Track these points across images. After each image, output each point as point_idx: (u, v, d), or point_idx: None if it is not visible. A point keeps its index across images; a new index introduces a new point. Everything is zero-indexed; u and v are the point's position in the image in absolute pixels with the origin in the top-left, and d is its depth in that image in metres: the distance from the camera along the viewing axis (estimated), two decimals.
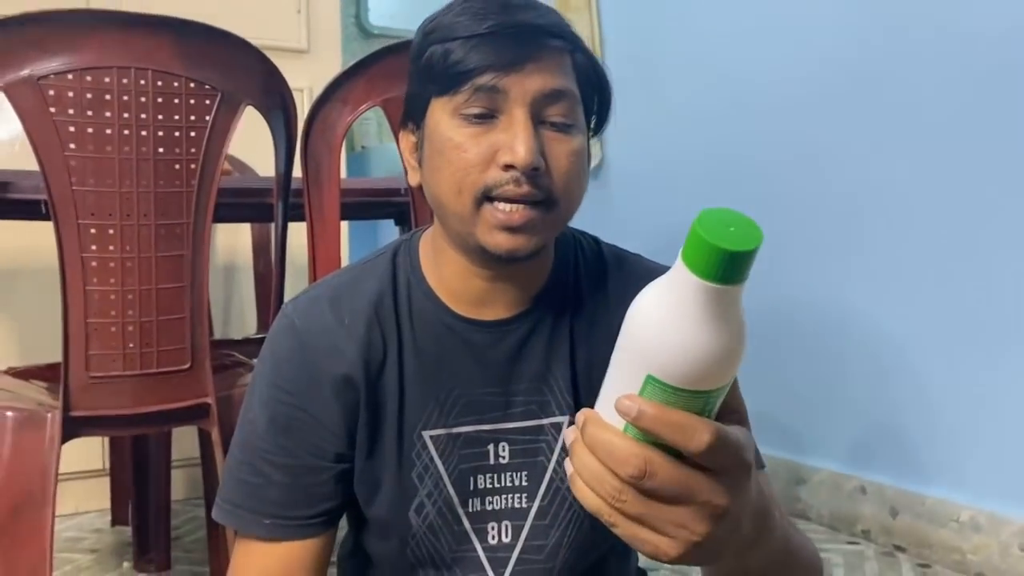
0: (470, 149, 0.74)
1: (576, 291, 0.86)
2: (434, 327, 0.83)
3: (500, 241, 0.75)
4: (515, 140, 0.73)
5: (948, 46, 1.82)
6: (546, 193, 0.74)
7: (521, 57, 0.73)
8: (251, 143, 1.37)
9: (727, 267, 0.47)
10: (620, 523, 0.53)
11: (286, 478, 0.81)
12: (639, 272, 0.88)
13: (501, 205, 0.74)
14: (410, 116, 0.82)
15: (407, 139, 0.83)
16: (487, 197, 0.74)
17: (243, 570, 0.82)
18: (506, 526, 0.84)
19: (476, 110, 0.74)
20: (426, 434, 0.82)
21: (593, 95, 0.80)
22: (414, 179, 0.83)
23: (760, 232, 0.49)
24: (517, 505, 0.84)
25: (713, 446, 0.51)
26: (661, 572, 1.80)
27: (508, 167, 0.73)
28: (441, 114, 0.76)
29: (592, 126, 0.83)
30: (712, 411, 0.53)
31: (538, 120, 0.75)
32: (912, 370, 1.93)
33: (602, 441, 0.52)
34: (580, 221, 0.93)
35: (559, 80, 0.75)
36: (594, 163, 2.76)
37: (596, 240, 0.92)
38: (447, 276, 0.83)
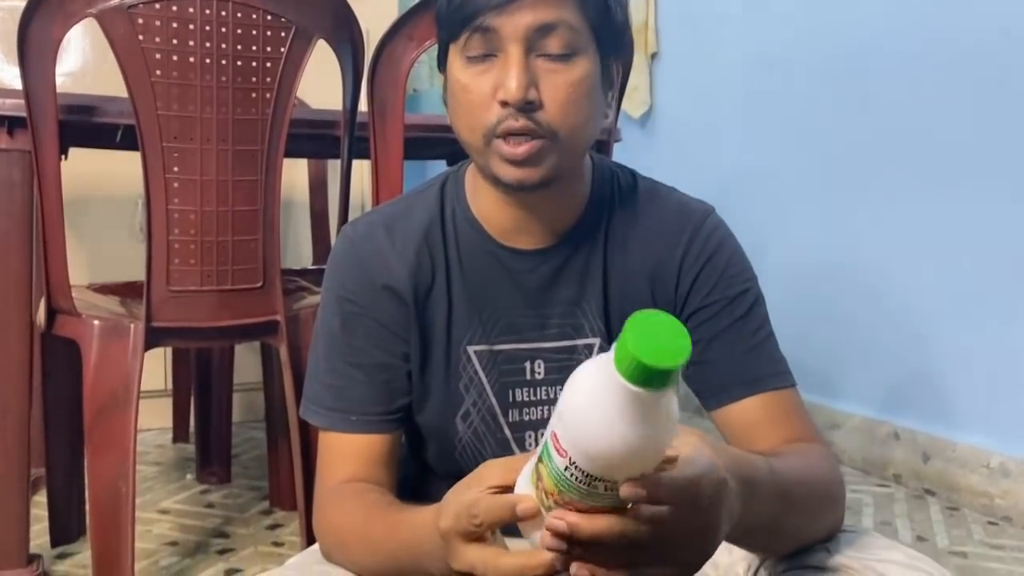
0: (474, 90, 0.79)
1: (610, 224, 0.91)
2: (477, 252, 0.90)
3: (509, 172, 0.80)
4: (507, 77, 0.77)
5: (1001, 6, 1.82)
6: (544, 125, 0.78)
7: None
8: (304, 77, 1.45)
9: (650, 377, 0.52)
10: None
11: (366, 377, 0.90)
12: (670, 205, 0.93)
13: (507, 139, 0.78)
14: (439, 62, 0.87)
15: (442, 80, 0.88)
16: (494, 134, 0.79)
17: (333, 458, 0.91)
18: (543, 434, 0.92)
19: (476, 51, 0.79)
20: (470, 349, 0.90)
21: (600, 21, 0.82)
22: (449, 118, 0.89)
23: (687, 345, 0.52)
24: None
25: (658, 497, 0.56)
26: None
27: (504, 103, 0.77)
28: (454, 58, 0.82)
29: (605, 52, 0.84)
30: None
31: (535, 54, 0.78)
32: (946, 319, 1.97)
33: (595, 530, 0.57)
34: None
35: (551, 13, 0.78)
36: (643, 111, 2.78)
37: (633, 174, 0.96)
38: (485, 207, 0.89)
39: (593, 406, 0.55)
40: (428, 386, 0.91)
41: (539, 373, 0.91)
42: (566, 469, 0.57)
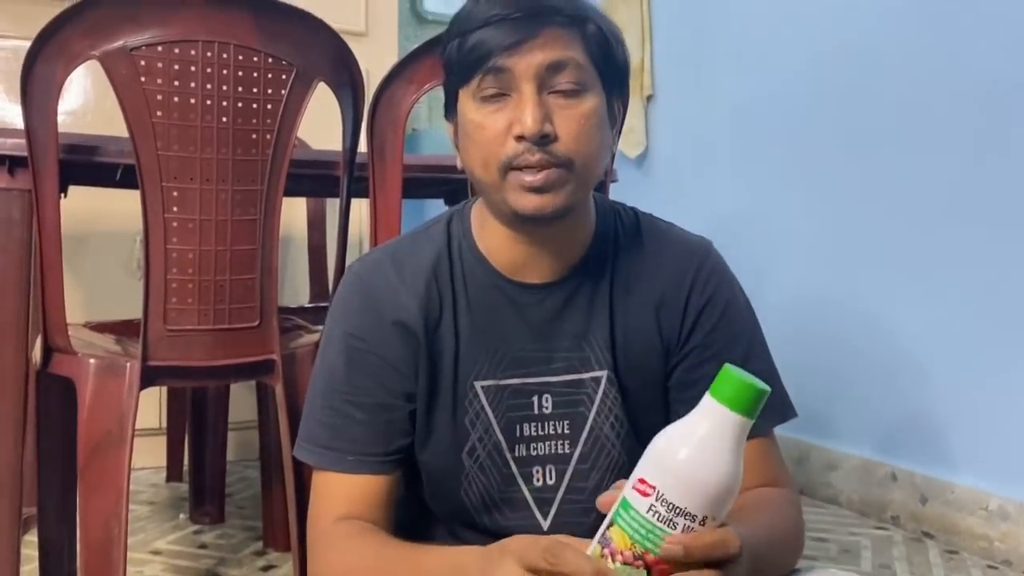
0: (489, 127, 0.83)
1: (615, 259, 0.93)
2: (484, 288, 0.91)
3: (527, 202, 0.82)
4: (523, 113, 0.81)
5: (992, 38, 1.85)
6: (559, 157, 0.82)
7: (523, 37, 0.81)
8: (305, 118, 1.46)
9: (758, 403, 0.61)
10: None
11: (366, 416, 0.90)
12: (673, 239, 0.96)
13: (524, 171, 0.81)
14: (448, 108, 0.91)
15: (450, 129, 0.92)
16: (509, 167, 0.82)
17: (327, 498, 0.90)
18: (550, 470, 0.92)
19: (490, 91, 0.83)
20: (478, 384, 0.91)
21: (604, 61, 0.86)
22: (459, 163, 0.91)
23: (766, 385, 0.62)
24: (560, 451, 0.92)
25: (738, 553, 0.64)
26: None
27: (520, 138, 0.81)
28: (466, 100, 0.85)
29: (610, 90, 0.88)
30: None
31: (547, 91, 0.82)
32: (944, 359, 1.96)
33: None
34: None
35: (560, 52, 0.82)
36: (639, 151, 2.81)
37: (635, 211, 0.99)
38: (492, 243, 0.91)
39: (692, 434, 0.62)
40: (434, 422, 0.91)
41: (547, 407, 0.91)
42: (649, 509, 0.61)
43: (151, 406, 2.34)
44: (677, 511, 0.60)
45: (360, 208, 2.44)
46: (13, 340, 1.37)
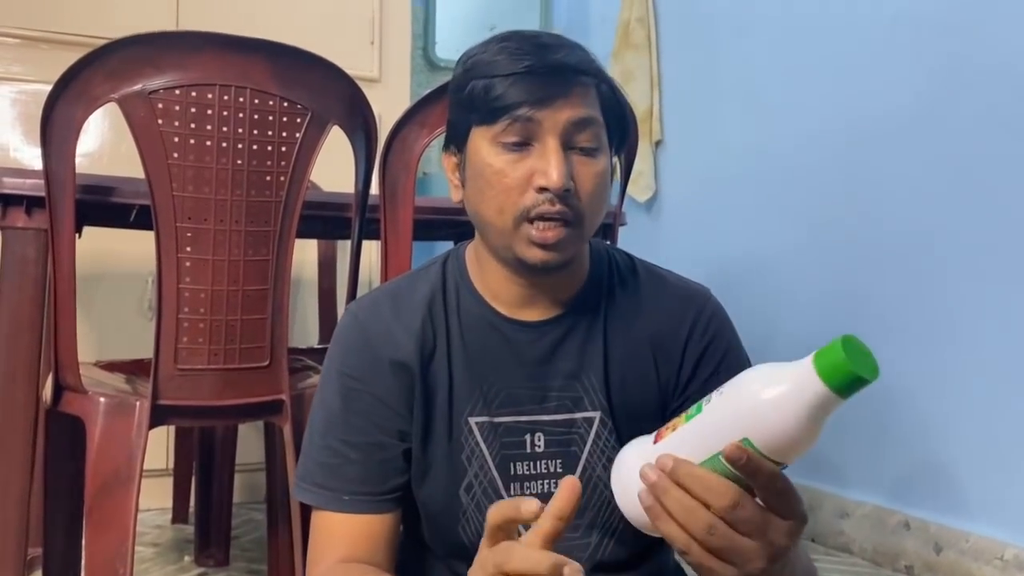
0: (509, 174, 0.84)
1: (610, 299, 0.95)
2: (479, 324, 0.93)
3: (535, 255, 0.85)
4: (548, 166, 0.82)
5: (1001, 91, 1.86)
6: (575, 211, 0.84)
7: (553, 93, 0.83)
8: (318, 160, 1.48)
9: (853, 387, 0.62)
10: (697, 554, 0.65)
11: (361, 456, 0.90)
12: (670, 284, 0.98)
13: (537, 224, 0.83)
14: (452, 140, 0.92)
15: (449, 160, 0.93)
16: (526, 217, 0.84)
17: (326, 538, 0.90)
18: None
19: (514, 139, 0.84)
20: (472, 420, 0.91)
21: (615, 121, 0.90)
22: (456, 196, 0.93)
23: (877, 366, 0.63)
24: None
25: (787, 492, 0.65)
26: None
27: (543, 189, 0.83)
28: (481, 141, 0.86)
29: (614, 147, 0.92)
30: None
31: (568, 146, 0.84)
32: (958, 406, 1.95)
33: (699, 476, 0.64)
34: (634, 251, 1.01)
35: (585, 111, 0.85)
36: (648, 195, 2.83)
37: (629, 255, 1.01)
38: (489, 281, 0.93)
39: (779, 384, 0.64)
40: (431, 458, 0.91)
41: (539, 446, 0.92)
42: (712, 418, 0.66)
43: (158, 447, 2.33)
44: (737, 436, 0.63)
45: (371, 250, 2.46)
46: (25, 378, 1.38)
